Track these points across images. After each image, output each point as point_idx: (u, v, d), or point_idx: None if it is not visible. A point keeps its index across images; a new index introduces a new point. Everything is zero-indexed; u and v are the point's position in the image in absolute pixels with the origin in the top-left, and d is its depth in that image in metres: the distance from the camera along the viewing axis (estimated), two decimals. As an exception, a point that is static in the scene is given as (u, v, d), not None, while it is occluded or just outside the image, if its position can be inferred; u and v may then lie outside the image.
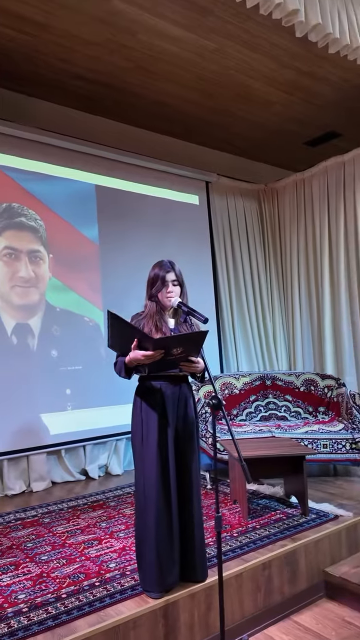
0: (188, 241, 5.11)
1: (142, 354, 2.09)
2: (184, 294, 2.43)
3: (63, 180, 4.32)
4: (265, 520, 3.05)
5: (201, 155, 5.66)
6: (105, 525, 3.07)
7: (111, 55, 4.06)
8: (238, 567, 2.46)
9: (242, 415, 4.39)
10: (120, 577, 2.37)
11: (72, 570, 2.45)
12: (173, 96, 4.72)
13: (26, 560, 2.60)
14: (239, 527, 2.95)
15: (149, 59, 4.12)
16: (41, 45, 3.90)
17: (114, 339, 2.21)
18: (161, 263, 2.41)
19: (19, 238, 4.01)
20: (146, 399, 2.31)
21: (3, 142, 4.00)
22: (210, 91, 4.68)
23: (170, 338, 2.15)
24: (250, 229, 5.70)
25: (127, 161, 4.70)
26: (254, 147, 5.91)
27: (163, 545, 2.17)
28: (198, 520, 2.29)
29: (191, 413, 2.37)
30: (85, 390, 4.21)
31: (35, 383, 3.98)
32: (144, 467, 2.26)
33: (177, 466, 2.29)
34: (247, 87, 4.64)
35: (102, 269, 4.46)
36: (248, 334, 5.50)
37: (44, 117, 4.52)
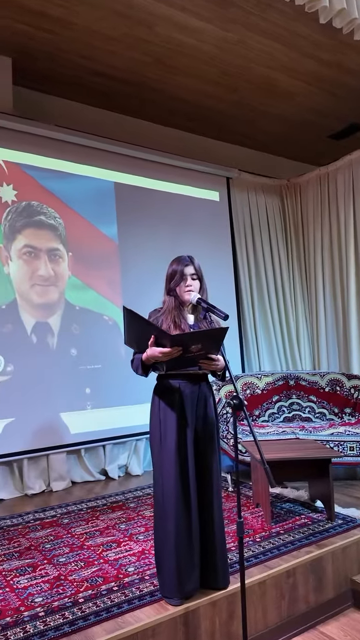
0: (208, 238, 5.02)
1: (159, 351, 2.01)
2: (204, 289, 2.35)
3: (82, 177, 4.29)
4: (290, 525, 2.94)
5: (221, 151, 5.56)
6: (124, 527, 3.00)
7: (130, 50, 4.00)
8: (261, 574, 2.36)
9: (265, 416, 4.28)
10: (139, 581, 2.30)
11: (90, 574, 2.39)
12: (192, 91, 4.63)
13: (44, 562, 2.56)
14: (261, 532, 2.85)
15: (168, 53, 4.05)
16: (61, 43, 3.87)
17: (130, 336, 2.14)
18: (180, 257, 2.34)
19: (38, 236, 3.99)
20: (164, 398, 2.24)
21: (22, 140, 3.99)
22: (230, 85, 4.58)
23: (189, 334, 2.06)
24: (272, 225, 5.57)
25: (146, 158, 4.64)
26: (275, 142, 5.78)
27: (183, 551, 2.09)
28: (219, 525, 2.20)
29: (211, 413, 2.29)
30: (105, 389, 4.16)
31: (55, 382, 3.95)
32: (162, 469, 2.18)
33: (197, 468, 2.21)
34: (268, 79, 4.53)
35: (121, 267, 4.41)
36: (270, 332, 5.38)
37: (62, 114, 4.50)
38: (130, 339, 2.17)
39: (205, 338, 2.02)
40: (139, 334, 2.08)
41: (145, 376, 2.23)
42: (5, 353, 3.76)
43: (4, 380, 3.74)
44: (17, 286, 3.86)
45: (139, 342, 2.11)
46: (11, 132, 3.94)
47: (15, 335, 3.82)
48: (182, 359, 2.06)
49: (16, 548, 2.74)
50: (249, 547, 2.66)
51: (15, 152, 3.97)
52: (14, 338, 3.81)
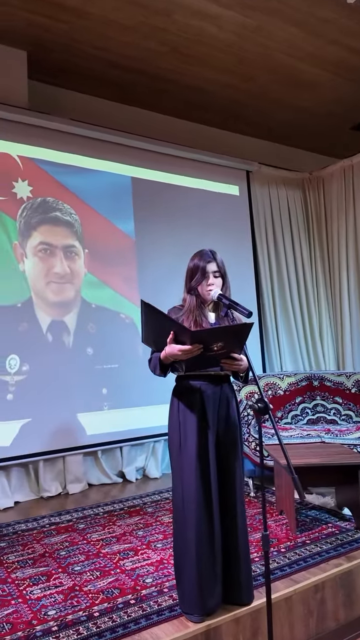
0: (228, 234, 4.86)
1: (178, 349, 1.88)
2: (227, 286, 2.21)
3: (98, 172, 4.18)
4: (316, 535, 2.78)
5: (241, 144, 5.40)
6: (142, 533, 2.89)
7: (146, 40, 3.88)
8: (287, 589, 2.22)
9: (287, 418, 4.11)
10: (158, 594, 2.18)
11: (106, 585, 2.28)
12: (210, 81, 4.49)
13: (58, 570, 2.45)
14: (286, 542, 2.70)
15: (185, 42, 3.91)
16: (77, 34, 3.77)
17: (148, 333, 2.02)
18: (202, 252, 2.20)
19: (54, 233, 3.90)
20: (184, 400, 2.11)
21: (37, 134, 3.90)
22: (250, 74, 4.42)
23: (210, 331, 1.93)
24: (294, 219, 5.39)
25: (164, 151, 4.51)
26: (297, 134, 5.59)
27: (204, 564, 1.96)
28: (243, 537, 2.06)
29: (234, 415, 2.15)
30: (122, 389, 4.05)
31: (71, 382, 3.86)
32: (182, 475, 2.06)
33: (219, 474, 2.07)
34: (290, 68, 4.35)
35: (138, 264, 4.29)
36: (292, 331, 5.20)
37: (77, 108, 4.41)
38: (147, 337, 2.04)
39: (228, 335, 1.88)
40: (157, 331, 1.95)
41: (164, 376, 2.11)
42: (21, 352, 3.68)
43: (19, 379, 3.66)
44: (33, 284, 3.78)
45: (157, 339, 1.99)
46: (26, 127, 3.85)
47: (31, 334, 3.74)
48: (203, 358, 1.92)
49: (30, 555, 2.65)
50: (274, 557, 2.51)
51: (31, 147, 3.88)
52: (29, 337, 3.72)
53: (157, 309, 1.88)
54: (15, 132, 3.81)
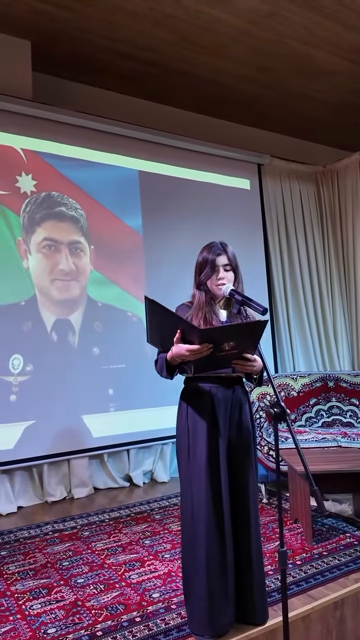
0: (238, 229, 4.70)
1: (186, 349, 1.73)
2: (239, 280, 2.06)
3: (105, 166, 4.05)
4: (334, 546, 2.62)
5: (252, 137, 5.23)
6: (149, 542, 2.75)
7: (154, 29, 3.73)
8: (305, 607, 2.06)
9: (301, 421, 3.95)
10: (165, 611, 2.03)
11: (110, 600, 2.14)
12: (222, 72, 4.33)
13: (60, 582, 2.32)
14: (302, 553, 2.55)
15: (195, 30, 3.76)
16: (83, 23, 3.63)
17: (153, 331, 1.87)
18: (211, 245, 2.06)
19: (59, 229, 3.77)
20: (193, 404, 1.96)
21: (42, 127, 3.77)
22: (263, 64, 4.25)
23: (220, 329, 1.78)
24: (307, 214, 5.21)
25: (173, 144, 4.36)
26: (312, 127, 5.41)
27: (215, 583, 1.81)
28: (257, 552, 1.91)
29: (247, 420, 2.00)
30: (129, 390, 3.91)
31: (77, 382, 3.73)
32: (191, 486, 1.91)
33: (232, 485, 1.92)
34: (306, 57, 4.17)
35: (146, 261, 4.15)
36: (305, 330, 5.02)
37: (84, 101, 4.27)
38: (153, 336, 1.90)
39: (240, 333, 1.73)
40: (163, 329, 1.81)
41: (171, 378, 1.96)
42: (25, 352, 3.56)
43: (23, 380, 3.54)
44: (37, 281, 3.65)
45: (163, 339, 1.84)
46: (30, 119, 3.73)
47: (35, 333, 3.61)
48: (213, 359, 1.77)
49: (32, 565, 2.52)
50: (289, 571, 2.36)
51: (35, 139, 3.76)
52: (33, 336, 3.60)
53: (162, 306, 1.73)
54: (19, 125, 3.69)
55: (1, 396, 3.45)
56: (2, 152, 3.61)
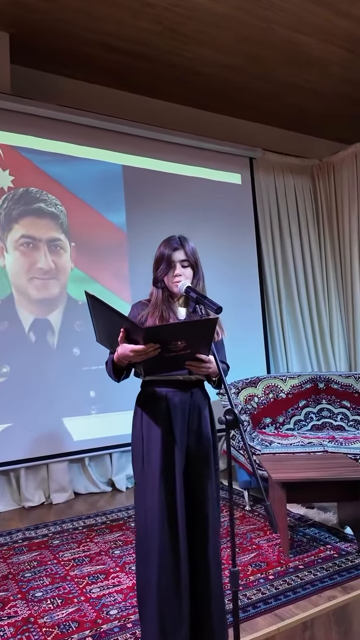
0: (229, 226, 4.56)
1: (130, 349, 1.60)
2: (199, 277, 1.93)
3: (87, 161, 3.93)
4: (311, 559, 2.47)
5: (243, 130, 5.06)
6: (118, 553, 2.62)
7: (135, 19, 3.59)
8: (269, 628, 1.92)
9: (290, 424, 3.79)
10: (120, 630, 1.91)
11: (65, 616, 2.02)
12: (208, 63, 4.17)
13: (17, 596, 2.21)
14: (276, 567, 2.40)
15: (179, 18, 3.61)
16: (62, 13, 3.50)
17: (100, 330, 1.75)
18: (169, 239, 1.94)
19: (37, 226, 3.66)
20: (148, 409, 1.84)
21: (20, 121, 3.66)
22: (252, 54, 4.09)
23: (166, 327, 1.64)
24: (301, 209, 5.03)
25: (159, 138, 4.22)
26: (305, 119, 5.23)
27: (167, 604, 1.68)
28: (215, 571, 1.77)
29: (207, 428, 1.86)
30: (111, 392, 3.77)
31: (56, 384, 3.62)
32: (145, 498, 1.78)
33: (189, 497, 1.78)
34: (296, 45, 4.00)
35: (130, 259, 4.02)
36: (300, 330, 4.85)
37: (66, 94, 4.16)
38: (100, 335, 1.77)
39: (190, 332, 1.58)
40: (108, 328, 1.68)
41: (117, 381, 1.84)
42: (1, 353, 3.46)
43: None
44: (14, 280, 3.55)
45: (110, 338, 1.71)
46: (8, 113, 3.62)
47: (12, 333, 3.51)
48: (164, 360, 1.63)
49: (-8, 576, 2.42)
50: (259, 586, 2.22)
51: (13, 134, 3.65)
52: (10, 336, 3.50)
53: (104, 302, 1.60)
54: (-4, 119, 3.59)
55: (-24, 398, 3.36)
56: (-22, 147, 3.52)
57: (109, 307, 1.59)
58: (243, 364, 4.34)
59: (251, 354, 4.50)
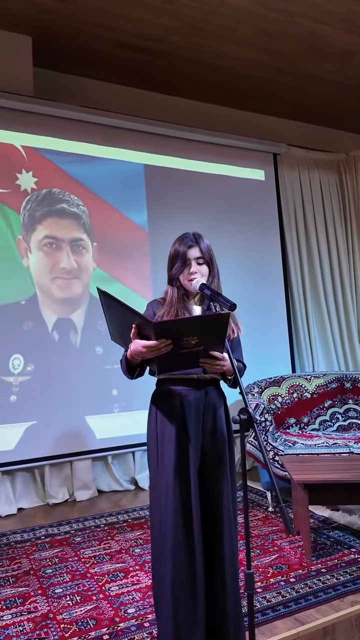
0: (252, 223, 4.50)
1: (142, 345, 1.58)
2: (214, 274, 1.90)
3: (108, 161, 3.95)
4: (335, 562, 2.41)
5: (266, 125, 4.99)
6: (138, 551, 2.62)
7: (157, 16, 3.58)
8: (289, 632, 1.88)
9: (315, 424, 3.71)
10: (136, 629, 1.90)
11: (83, 613, 2.03)
12: (230, 58, 4.13)
13: (38, 592, 2.23)
14: (298, 569, 2.35)
15: (199, 14, 3.58)
16: (82, 14, 3.53)
17: (113, 328, 1.74)
18: (183, 236, 1.92)
19: (60, 226, 3.70)
20: (162, 407, 1.83)
21: (42, 123, 3.71)
22: (274, 47, 4.02)
23: (176, 322, 1.61)
24: (327, 205, 4.92)
25: (180, 136, 4.20)
26: (330, 112, 5.10)
27: (181, 607, 1.65)
28: (231, 571, 1.74)
29: (222, 427, 1.83)
30: (134, 390, 3.79)
31: (79, 383, 3.65)
32: (159, 496, 1.77)
33: (203, 497, 1.76)
34: (319, 37, 3.91)
35: (151, 258, 4.02)
36: (326, 328, 4.75)
37: (87, 95, 4.19)
38: (114, 333, 1.77)
39: (202, 328, 1.56)
40: (121, 324, 1.67)
41: (131, 378, 1.83)
42: (25, 352, 3.51)
43: (23, 380, 3.49)
44: (37, 280, 3.60)
45: (123, 335, 1.70)
46: (31, 116, 3.67)
47: (36, 332, 3.56)
48: (177, 357, 1.61)
49: (15, 571, 2.45)
50: (280, 589, 2.17)
51: (36, 136, 3.70)
52: (34, 336, 3.55)
53: (116, 298, 1.59)
54: (20, 122, 3.64)
55: (1, 396, 3.42)
56: (3, 150, 3.58)
57: (120, 302, 1.58)
58: (267, 363, 4.28)
59: (276, 352, 4.43)
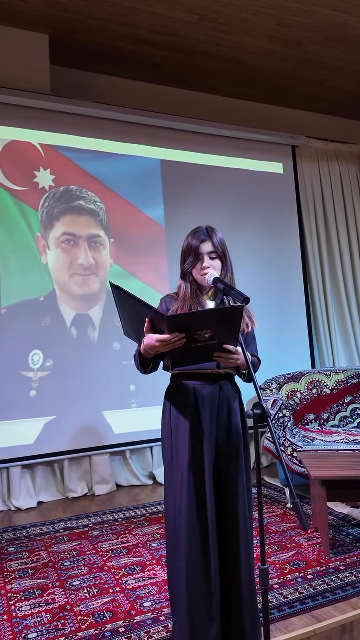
0: (271, 217, 4.45)
1: (156, 339, 1.58)
2: (227, 268, 1.88)
3: (124, 157, 3.95)
4: (354, 560, 2.37)
5: (285, 118, 4.93)
6: (155, 546, 2.63)
7: (173, 10, 3.56)
8: (306, 629, 1.86)
9: (335, 420, 3.66)
10: (152, 623, 1.91)
11: (100, 606, 2.05)
12: (248, 51, 4.08)
13: (56, 584, 2.26)
14: (316, 567, 2.32)
15: (216, 7, 3.54)
16: (98, 11, 3.54)
17: (127, 323, 1.74)
18: (196, 230, 1.90)
19: (77, 223, 3.73)
20: (176, 402, 1.82)
21: (59, 121, 3.74)
22: (293, 38, 3.96)
23: (189, 315, 1.60)
24: (348, 198, 4.83)
25: (197, 130, 4.18)
26: (351, 102, 5.00)
27: (196, 604, 1.65)
28: (246, 566, 1.73)
29: (236, 421, 1.82)
30: (151, 386, 3.80)
31: (97, 378, 3.68)
32: (173, 492, 1.77)
33: (218, 492, 1.75)
34: (339, 25, 3.84)
35: (168, 254, 4.02)
36: (347, 324, 4.68)
37: (104, 92, 4.21)
38: (127, 328, 1.77)
39: (215, 321, 1.54)
40: (134, 319, 1.67)
41: (144, 373, 1.83)
42: (44, 347, 3.56)
43: (43, 376, 3.54)
44: (56, 277, 3.64)
45: (137, 330, 1.70)
46: (48, 113, 3.71)
47: (55, 328, 3.60)
48: (191, 351, 1.60)
49: (34, 564, 2.49)
50: (297, 585, 2.15)
51: (53, 134, 3.73)
52: (53, 332, 3.59)
53: (129, 293, 1.59)
54: (37, 120, 3.67)
55: (21, 392, 3.47)
56: (21, 148, 3.62)
57: (133, 297, 1.58)
58: (286, 359, 4.24)
59: (295, 348, 4.39)
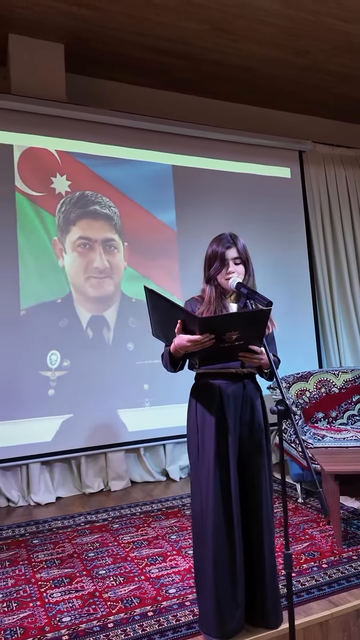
0: (279, 221, 4.57)
1: (187, 339, 1.70)
2: (250, 274, 2.00)
3: (137, 163, 4.07)
4: (365, 550, 2.49)
5: (292, 123, 5.04)
6: (175, 538, 2.75)
7: (184, 19, 3.67)
8: (323, 612, 1.98)
9: (343, 418, 3.77)
10: (178, 607, 2.03)
11: (127, 593, 2.17)
12: (256, 59, 4.20)
13: (83, 573, 2.38)
14: (330, 556, 2.44)
15: (226, 17, 3.66)
16: (111, 20, 3.65)
17: (156, 324, 1.86)
18: (220, 237, 2.02)
19: (93, 227, 3.84)
20: (202, 400, 1.93)
21: (75, 128, 3.85)
22: (300, 47, 4.08)
23: (222, 317, 1.73)
24: (354, 202, 4.95)
25: (207, 136, 4.30)
26: (357, 108, 5.12)
27: (222, 589, 1.77)
28: (269, 554, 1.85)
29: (259, 419, 1.94)
30: (164, 385, 3.92)
31: (112, 378, 3.80)
32: (200, 484, 1.88)
33: (243, 484, 1.87)
34: (345, 34, 3.96)
35: (180, 256, 4.13)
36: (353, 324, 4.79)
37: (118, 99, 4.32)
38: (157, 329, 1.89)
39: (243, 323, 1.67)
40: (165, 320, 1.79)
41: (174, 371, 1.94)
42: (61, 348, 3.67)
43: (60, 375, 3.65)
44: (72, 279, 3.75)
45: (166, 331, 1.82)
46: (64, 121, 3.82)
47: (71, 329, 3.72)
48: (218, 351, 1.72)
49: (59, 554, 2.61)
50: (313, 574, 2.27)
51: (69, 140, 3.85)
52: (69, 332, 3.71)
53: (162, 296, 1.71)
54: (54, 127, 3.79)
55: (40, 390, 3.59)
56: (38, 155, 3.74)
57: (166, 300, 1.70)
58: (294, 359, 4.35)
59: (302, 349, 4.50)
